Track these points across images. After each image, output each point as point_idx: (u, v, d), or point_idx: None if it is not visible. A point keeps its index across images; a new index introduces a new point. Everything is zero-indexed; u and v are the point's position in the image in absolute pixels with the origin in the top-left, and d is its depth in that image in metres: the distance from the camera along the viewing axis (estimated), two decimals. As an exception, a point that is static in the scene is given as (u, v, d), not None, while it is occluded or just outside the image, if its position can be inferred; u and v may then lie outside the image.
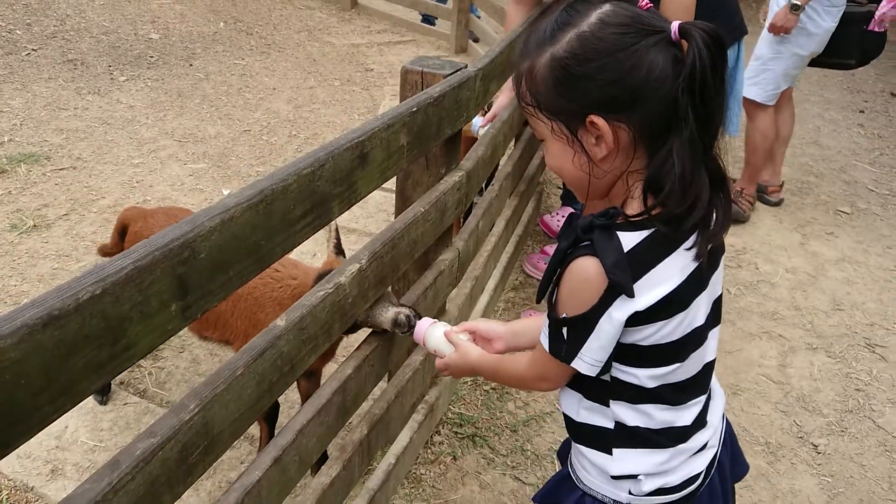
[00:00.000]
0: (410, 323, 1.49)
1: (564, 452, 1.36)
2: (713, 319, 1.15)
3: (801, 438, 2.58)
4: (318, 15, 7.49)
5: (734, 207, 3.89)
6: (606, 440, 1.17)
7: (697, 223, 1.00)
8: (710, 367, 1.19)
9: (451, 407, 2.53)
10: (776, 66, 3.82)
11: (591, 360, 1.06)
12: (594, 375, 1.08)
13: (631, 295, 0.99)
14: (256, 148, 4.48)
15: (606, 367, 1.08)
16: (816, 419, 2.67)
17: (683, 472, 1.18)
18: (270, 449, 1.28)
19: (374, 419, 1.74)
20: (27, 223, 3.39)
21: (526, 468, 2.33)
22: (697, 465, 1.20)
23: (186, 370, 2.63)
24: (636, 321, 1.02)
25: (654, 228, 1.00)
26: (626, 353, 1.07)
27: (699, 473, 1.20)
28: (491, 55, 2.06)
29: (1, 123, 4.35)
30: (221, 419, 1.04)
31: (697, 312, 1.09)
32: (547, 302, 1.11)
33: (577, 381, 1.16)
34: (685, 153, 0.97)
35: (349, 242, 3.04)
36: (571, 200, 3.58)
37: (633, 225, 1.01)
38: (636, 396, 1.12)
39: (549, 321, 1.10)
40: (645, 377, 1.10)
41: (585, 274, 1.01)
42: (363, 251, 1.46)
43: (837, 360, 3.01)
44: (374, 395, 1.82)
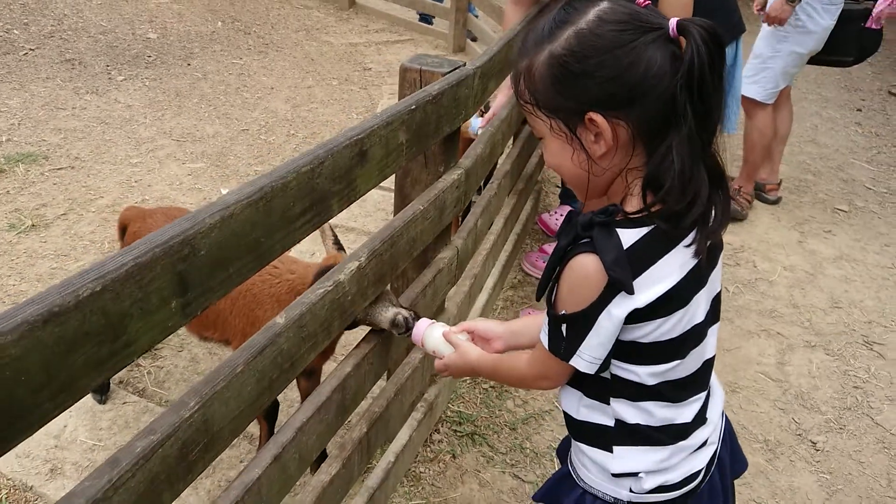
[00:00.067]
0: (408, 325, 1.49)
1: (564, 450, 1.36)
2: (712, 316, 1.15)
3: (799, 436, 2.58)
4: (315, 14, 7.48)
5: (732, 205, 3.89)
6: (607, 438, 1.17)
7: (697, 220, 1.00)
8: (709, 363, 1.19)
9: (450, 405, 2.53)
10: (775, 64, 3.82)
11: (589, 357, 1.06)
12: (593, 373, 1.08)
13: (631, 292, 1.00)
14: (255, 147, 4.48)
15: (605, 364, 1.08)
16: (815, 416, 2.68)
17: (684, 469, 1.18)
18: (270, 446, 1.28)
19: (373, 417, 1.74)
20: (25, 223, 3.39)
21: (525, 466, 2.33)
22: (698, 462, 1.20)
23: (185, 369, 2.63)
24: (636, 318, 1.03)
25: (653, 225, 1.00)
26: (626, 350, 1.07)
27: (700, 470, 1.20)
28: (489, 53, 2.06)
29: (-1, 123, 4.35)
30: (221, 416, 1.05)
31: (697, 309, 1.09)
32: (546, 299, 1.11)
33: (577, 379, 1.16)
34: (684, 150, 0.97)
35: (348, 241, 3.04)
36: (570, 199, 3.58)
37: (632, 222, 1.01)
38: (636, 394, 1.12)
39: (548, 318, 1.10)
40: (645, 374, 1.10)
41: (585, 271, 1.01)
42: (362, 249, 1.46)
43: (836, 357, 3.02)
44: (373, 393, 1.82)
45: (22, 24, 5.91)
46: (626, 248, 0.99)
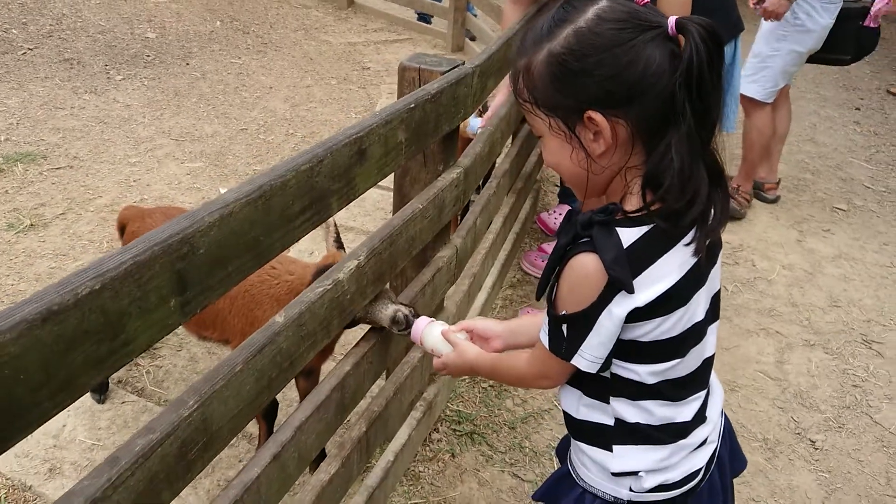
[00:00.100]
0: (408, 322, 1.49)
1: (563, 450, 1.36)
2: (712, 315, 1.15)
3: (798, 434, 2.58)
4: (314, 13, 7.48)
5: (731, 203, 3.89)
6: (607, 437, 1.17)
7: (696, 218, 1.00)
8: (709, 362, 1.19)
9: (449, 404, 2.53)
10: (775, 63, 3.82)
11: (591, 356, 1.06)
12: (594, 372, 1.08)
13: (631, 291, 1.00)
14: (253, 147, 4.47)
15: (606, 363, 1.08)
16: (814, 415, 2.68)
17: (684, 468, 1.18)
18: (270, 445, 1.28)
19: (372, 416, 1.74)
20: (24, 222, 3.39)
21: (524, 465, 2.33)
22: (698, 460, 1.20)
23: (184, 368, 2.63)
24: (636, 317, 1.02)
25: (653, 224, 1.00)
26: (626, 349, 1.07)
27: (699, 469, 1.20)
28: (488, 52, 2.06)
29: (-3, 123, 4.35)
30: (220, 415, 1.04)
31: (697, 308, 1.09)
32: (546, 299, 1.11)
33: (576, 378, 1.16)
34: (683, 148, 0.97)
35: (347, 240, 3.03)
36: (569, 198, 3.58)
37: (632, 221, 1.01)
38: (636, 393, 1.12)
39: (548, 318, 1.10)
40: (645, 373, 1.10)
41: (585, 270, 1.01)
42: (361, 248, 1.46)
43: (834, 356, 3.02)
44: (372, 392, 1.81)
45: (20, 23, 5.90)
46: (625, 247, 0.99)
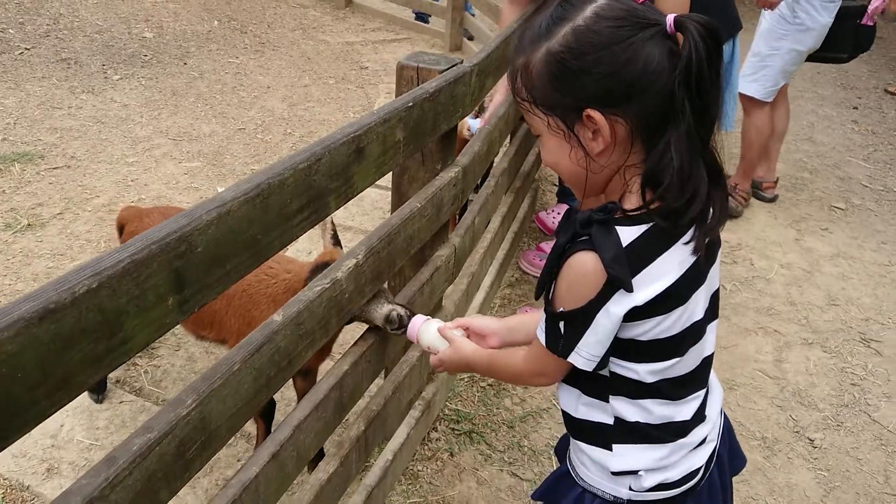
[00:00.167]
0: (402, 322, 1.49)
1: (562, 449, 1.35)
2: (711, 313, 1.15)
3: (797, 433, 2.58)
4: (312, 13, 7.47)
5: (729, 202, 3.90)
6: (606, 436, 1.16)
7: (695, 217, 1.00)
8: (708, 361, 1.19)
9: (447, 403, 2.53)
10: (774, 62, 3.83)
11: (587, 354, 1.05)
12: (591, 370, 1.08)
13: (629, 290, 0.99)
14: (251, 146, 4.47)
15: (603, 362, 1.07)
16: (812, 414, 2.68)
17: (684, 466, 1.18)
18: (268, 445, 1.27)
19: (371, 415, 1.74)
20: (21, 222, 3.38)
21: (523, 464, 2.33)
22: (697, 459, 1.20)
23: (183, 368, 2.63)
24: (635, 316, 1.02)
25: (652, 223, 1.00)
26: (625, 348, 1.07)
27: (699, 468, 1.20)
28: (486, 50, 2.06)
29: (-6, 122, 4.34)
30: (219, 414, 1.04)
31: (696, 307, 1.09)
32: (544, 297, 1.11)
33: (575, 377, 1.16)
34: (683, 146, 0.97)
35: (345, 240, 3.03)
36: (567, 197, 3.58)
37: (631, 219, 1.01)
38: (636, 392, 1.12)
39: (546, 316, 1.10)
40: (644, 372, 1.09)
41: (584, 269, 1.01)
42: (360, 246, 1.46)
43: (833, 355, 3.02)
44: (370, 391, 1.81)
45: (17, 23, 5.89)
46: (625, 245, 0.99)
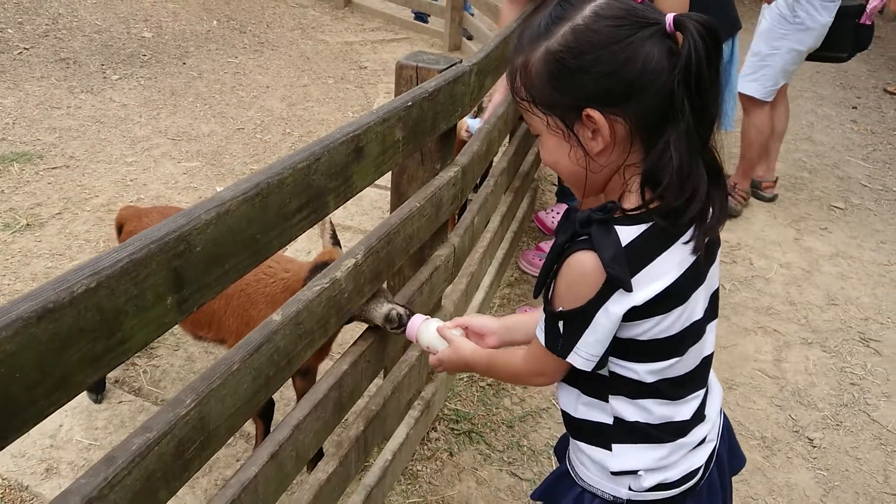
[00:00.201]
0: (401, 320, 1.49)
1: (561, 449, 1.35)
2: (711, 313, 1.15)
3: (796, 432, 2.58)
4: (311, 13, 7.47)
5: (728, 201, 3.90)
6: (605, 436, 1.16)
7: (695, 216, 1.00)
8: (708, 361, 1.18)
9: (447, 403, 2.52)
10: (774, 62, 3.83)
11: (586, 354, 1.05)
12: (589, 370, 1.08)
13: (629, 289, 0.99)
14: (250, 146, 4.46)
15: (602, 361, 1.07)
16: (812, 413, 2.68)
17: (683, 466, 1.18)
18: (267, 444, 1.27)
19: (370, 415, 1.73)
20: (20, 222, 3.38)
21: (522, 464, 2.33)
22: (697, 459, 1.20)
23: (181, 368, 2.62)
24: (635, 316, 1.02)
25: (651, 222, 1.00)
26: (624, 347, 1.07)
27: (699, 468, 1.20)
28: (486, 50, 2.06)
29: (-7, 122, 4.33)
30: (218, 414, 1.04)
31: (696, 306, 1.08)
32: (543, 297, 1.11)
33: (575, 376, 1.15)
34: (682, 145, 0.97)
35: (344, 240, 3.03)
36: (567, 197, 3.58)
37: (630, 219, 1.01)
38: (635, 391, 1.11)
39: (545, 315, 1.09)
40: (644, 372, 1.09)
41: (583, 268, 1.01)
42: (359, 246, 1.46)
43: (832, 354, 3.02)
44: (370, 391, 1.81)
45: (16, 23, 5.89)
46: (624, 245, 0.99)
